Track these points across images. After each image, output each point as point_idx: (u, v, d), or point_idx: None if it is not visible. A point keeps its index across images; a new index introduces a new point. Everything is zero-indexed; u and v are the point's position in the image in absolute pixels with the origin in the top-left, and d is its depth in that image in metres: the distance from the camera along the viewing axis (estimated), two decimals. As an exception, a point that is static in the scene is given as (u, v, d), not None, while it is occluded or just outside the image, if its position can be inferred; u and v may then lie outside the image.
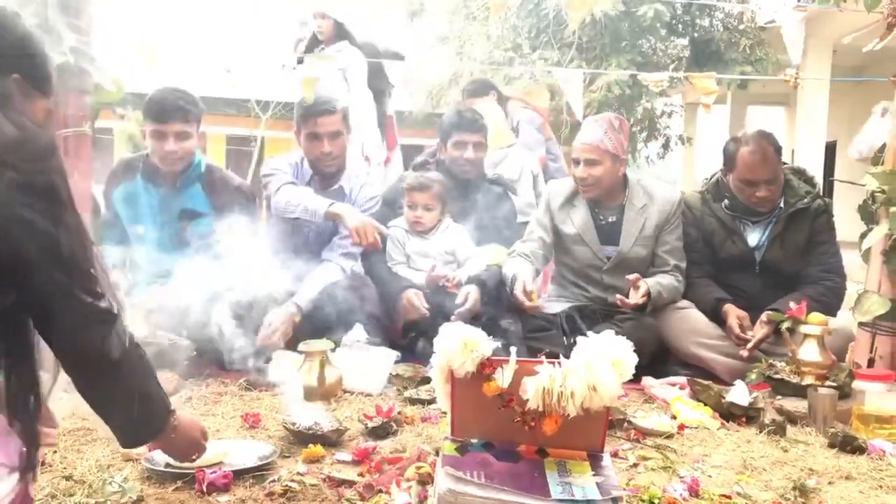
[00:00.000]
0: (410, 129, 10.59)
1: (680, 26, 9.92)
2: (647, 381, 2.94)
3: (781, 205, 3.28)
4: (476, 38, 9.75)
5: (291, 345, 2.96)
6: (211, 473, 1.82)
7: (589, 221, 3.39)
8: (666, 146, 10.91)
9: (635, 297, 3.15)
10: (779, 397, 2.77)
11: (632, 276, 3.18)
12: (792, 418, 2.57)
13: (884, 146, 3.19)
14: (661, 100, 10.21)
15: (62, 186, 1.33)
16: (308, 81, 3.71)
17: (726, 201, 3.34)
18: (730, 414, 2.59)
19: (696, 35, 9.69)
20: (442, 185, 3.47)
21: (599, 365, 1.61)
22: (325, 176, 3.57)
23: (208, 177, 3.35)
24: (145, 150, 3.36)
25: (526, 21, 9.33)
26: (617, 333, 1.72)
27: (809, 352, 2.79)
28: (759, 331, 3.08)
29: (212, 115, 3.38)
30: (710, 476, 2.05)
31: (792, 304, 3.02)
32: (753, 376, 2.94)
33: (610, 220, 3.40)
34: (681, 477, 2.02)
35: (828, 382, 2.73)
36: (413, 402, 2.68)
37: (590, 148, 3.26)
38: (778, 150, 3.24)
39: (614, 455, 2.15)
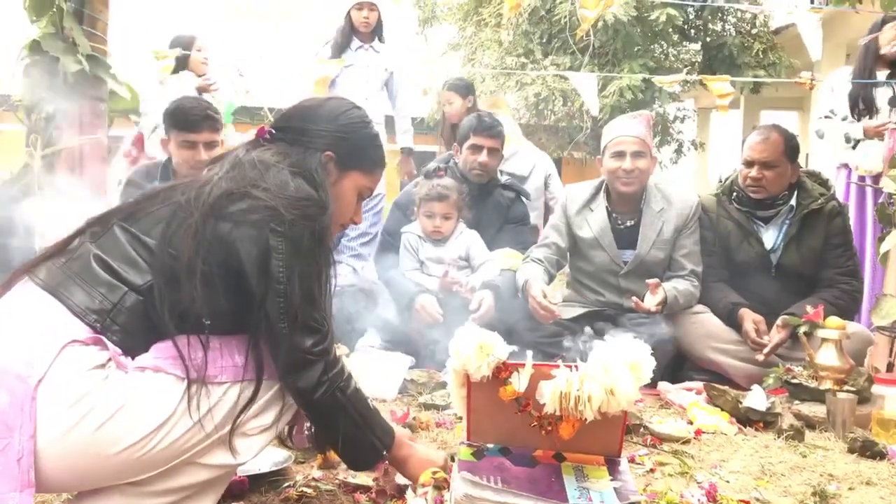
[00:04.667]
0: (421, 135, 10.63)
1: (692, 31, 9.90)
2: (664, 386, 2.92)
3: (793, 203, 3.26)
4: (488, 45, 9.76)
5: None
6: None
7: (606, 225, 3.37)
8: (679, 151, 10.87)
9: (651, 303, 3.13)
10: (796, 402, 2.74)
11: (652, 281, 3.17)
12: (810, 423, 2.55)
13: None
14: (673, 105, 10.18)
15: (313, 240, 1.54)
16: (321, 81, 3.72)
17: (735, 194, 3.34)
18: (747, 419, 2.57)
19: (708, 40, 9.66)
20: (459, 193, 3.47)
21: (617, 368, 1.60)
22: None
23: None
24: (163, 158, 3.37)
25: (538, 27, 9.32)
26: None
27: (827, 356, 2.77)
28: (775, 335, 3.06)
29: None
30: (727, 481, 2.03)
31: (808, 308, 3.00)
32: (770, 381, 2.91)
33: (628, 223, 3.38)
34: (698, 482, 2.00)
35: (846, 387, 2.70)
36: (428, 407, 2.67)
37: (637, 140, 3.27)
38: (789, 142, 3.22)
39: (631, 461, 2.13)
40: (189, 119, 3.14)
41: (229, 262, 1.48)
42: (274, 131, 1.73)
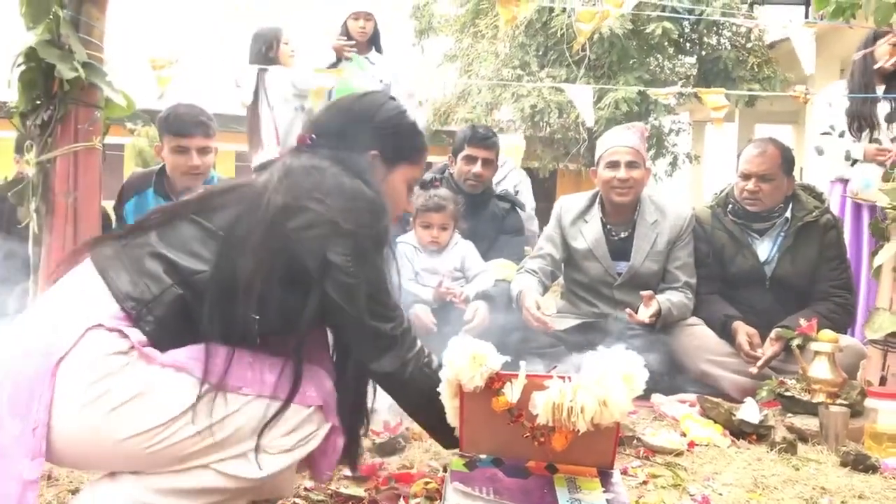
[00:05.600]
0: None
1: (688, 44, 9.96)
2: (657, 398, 2.92)
3: (788, 215, 3.28)
4: (484, 56, 9.80)
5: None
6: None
7: (601, 237, 3.38)
8: (674, 164, 10.91)
9: (645, 315, 3.13)
10: (789, 415, 2.74)
11: (646, 293, 3.17)
12: (803, 436, 2.55)
13: (894, 163, 3.18)
14: (668, 117, 10.23)
15: (376, 243, 1.59)
16: (318, 92, 3.74)
17: (730, 206, 3.35)
18: (740, 431, 2.56)
19: (703, 53, 9.72)
20: (456, 204, 3.47)
21: (610, 380, 1.60)
22: None
23: None
24: (158, 164, 3.39)
25: (534, 39, 9.37)
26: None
27: (820, 369, 2.77)
28: (768, 348, 3.07)
29: (221, 132, 3.41)
30: (720, 494, 2.03)
31: (802, 321, 3.00)
32: (764, 394, 2.92)
33: (622, 235, 3.39)
34: (691, 495, 2.00)
35: (839, 400, 2.71)
36: (421, 418, 2.66)
37: (631, 151, 3.29)
38: (785, 155, 3.25)
39: (624, 472, 2.12)
40: (182, 124, 3.17)
41: (294, 278, 1.51)
42: (315, 137, 1.73)
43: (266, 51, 4.58)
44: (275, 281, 1.49)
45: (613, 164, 3.30)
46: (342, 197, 1.55)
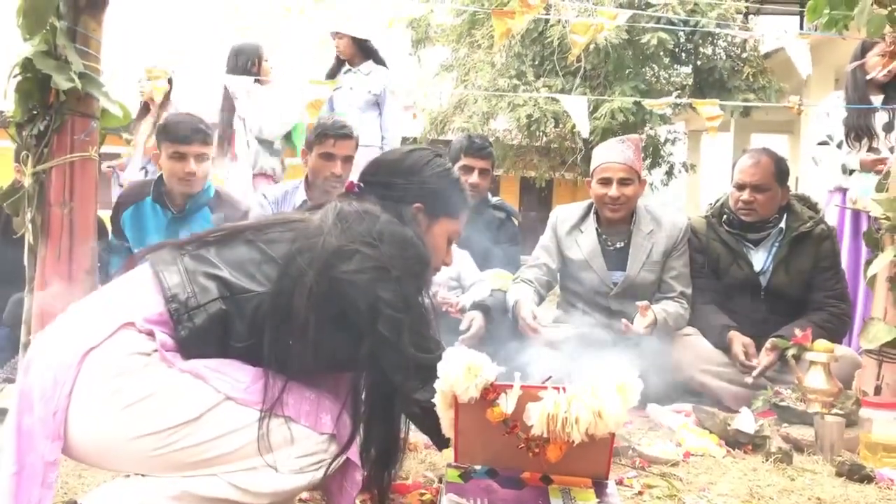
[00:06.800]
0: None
1: (683, 54, 9.97)
2: (652, 408, 2.92)
3: (782, 225, 3.29)
4: (480, 66, 9.81)
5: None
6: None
7: (597, 247, 3.38)
8: (670, 173, 10.92)
9: (641, 325, 3.14)
10: (785, 425, 2.75)
11: (641, 303, 3.18)
12: (798, 446, 2.55)
13: (887, 173, 3.19)
14: (664, 127, 10.24)
15: (417, 288, 1.68)
16: (313, 104, 3.77)
17: (725, 216, 3.36)
18: (735, 441, 2.57)
19: (699, 63, 9.74)
20: None
21: (605, 390, 1.60)
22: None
23: (217, 201, 3.38)
24: (156, 174, 3.41)
25: (530, 49, 9.39)
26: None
27: (815, 379, 2.77)
28: (764, 358, 3.07)
29: (217, 140, 3.44)
30: (716, 504, 2.03)
31: (797, 331, 3.01)
32: (759, 403, 2.92)
33: (618, 245, 3.40)
34: (687, 505, 2.00)
35: (834, 410, 2.71)
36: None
37: (624, 167, 3.28)
38: (779, 165, 3.26)
39: (619, 483, 2.13)
40: (180, 131, 3.20)
41: (345, 318, 1.59)
42: (362, 185, 1.83)
43: (250, 66, 4.64)
44: (326, 319, 1.56)
45: (605, 181, 3.31)
46: (394, 244, 1.63)
